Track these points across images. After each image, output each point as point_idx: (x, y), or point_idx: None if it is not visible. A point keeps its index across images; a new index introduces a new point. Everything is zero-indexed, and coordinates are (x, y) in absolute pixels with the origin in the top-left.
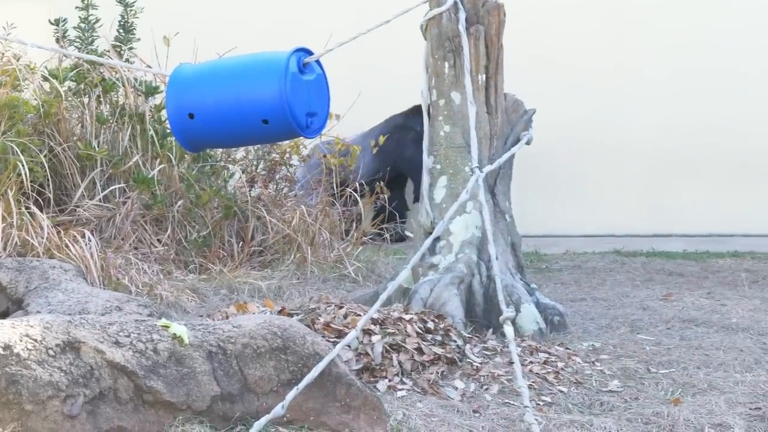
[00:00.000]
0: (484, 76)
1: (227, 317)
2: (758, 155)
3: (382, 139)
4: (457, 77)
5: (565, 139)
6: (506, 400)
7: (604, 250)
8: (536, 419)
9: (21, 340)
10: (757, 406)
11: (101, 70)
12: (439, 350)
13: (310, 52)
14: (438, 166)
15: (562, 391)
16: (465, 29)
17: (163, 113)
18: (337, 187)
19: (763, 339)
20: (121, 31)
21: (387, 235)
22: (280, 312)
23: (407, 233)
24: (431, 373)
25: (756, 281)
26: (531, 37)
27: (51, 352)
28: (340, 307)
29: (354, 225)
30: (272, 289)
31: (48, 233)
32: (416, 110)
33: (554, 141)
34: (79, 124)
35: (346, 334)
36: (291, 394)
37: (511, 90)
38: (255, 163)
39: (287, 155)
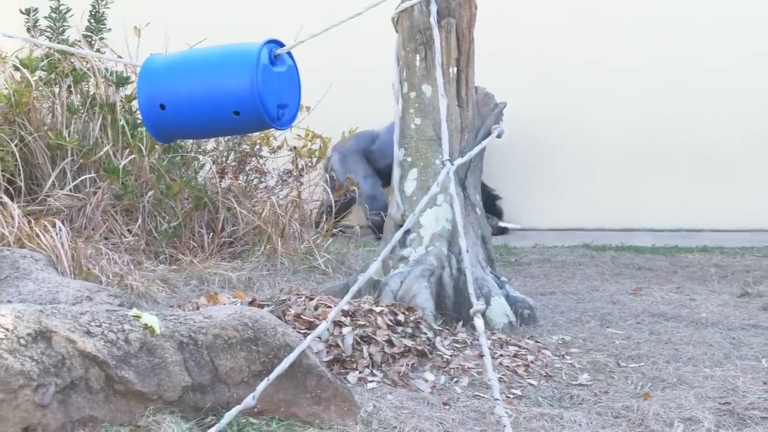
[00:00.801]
0: (455, 69)
1: (198, 308)
2: (727, 151)
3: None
4: (429, 70)
5: (535, 132)
6: (476, 393)
7: (573, 243)
8: (506, 412)
9: None
10: (726, 401)
11: (72, 60)
12: (409, 342)
13: (281, 44)
14: (409, 159)
15: (532, 384)
16: (436, 22)
17: (134, 104)
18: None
19: (732, 334)
20: (92, 21)
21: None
22: (251, 303)
23: (509, 225)
24: (401, 366)
25: (725, 276)
26: (502, 30)
27: (22, 341)
28: (311, 299)
29: (324, 216)
30: (242, 281)
31: (19, 223)
32: None
33: (525, 134)
34: (50, 114)
35: (316, 325)
36: (262, 385)
37: (481, 83)
38: (225, 154)
39: (258, 147)
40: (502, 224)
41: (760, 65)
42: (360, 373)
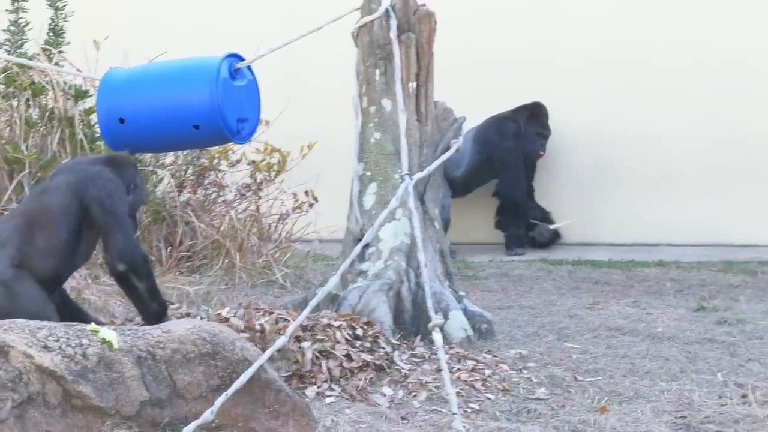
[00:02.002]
0: (414, 83)
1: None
2: (683, 165)
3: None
4: (388, 85)
5: None
6: (434, 407)
7: (530, 258)
8: (464, 426)
9: None
10: (683, 415)
11: (30, 74)
12: (367, 357)
13: (241, 58)
14: (368, 173)
15: (489, 399)
16: (396, 37)
17: (93, 117)
18: None
19: (689, 348)
20: (51, 34)
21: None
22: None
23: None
24: (360, 380)
25: (681, 290)
26: (461, 45)
27: None
28: (270, 313)
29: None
30: (200, 295)
31: None
32: (523, 108)
33: None
34: (8, 128)
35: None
36: (220, 400)
37: (441, 98)
38: (184, 168)
39: (216, 160)
40: (553, 226)
41: (716, 81)
42: (318, 387)
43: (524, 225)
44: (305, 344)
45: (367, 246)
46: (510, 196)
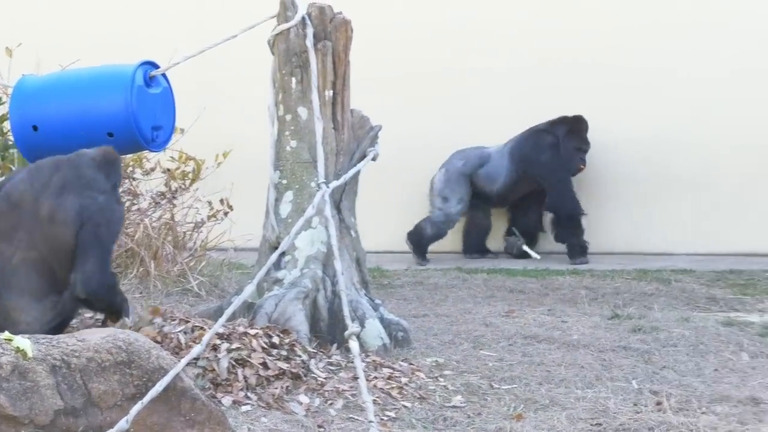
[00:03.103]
0: (331, 91)
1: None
2: (596, 176)
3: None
4: (305, 93)
5: (409, 155)
6: (351, 415)
7: (445, 267)
8: None
9: None
10: (598, 422)
11: None
12: (284, 365)
13: (156, 66)
14: (284, 181)
15: (406, 407)
16: (313, 45)
17: (6, 125)
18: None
19: (604, 355)
20: None
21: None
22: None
23: (530, 251)
24: (276, 388)
25: (595, 299)
26: (378, 53)
27: None
28: (186, 322)
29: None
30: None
31: None
32: (561, 121)
33: (398, 157)
34: None
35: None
36: (135, 409)
37: (357, 106)
38: None
39: (130, 168)
40: (525, 248)
41: (641, 93)
42: (235, 396)
43: (582, 234)
44: (221, 353)
45: (283, 254)
46: (562, 209)
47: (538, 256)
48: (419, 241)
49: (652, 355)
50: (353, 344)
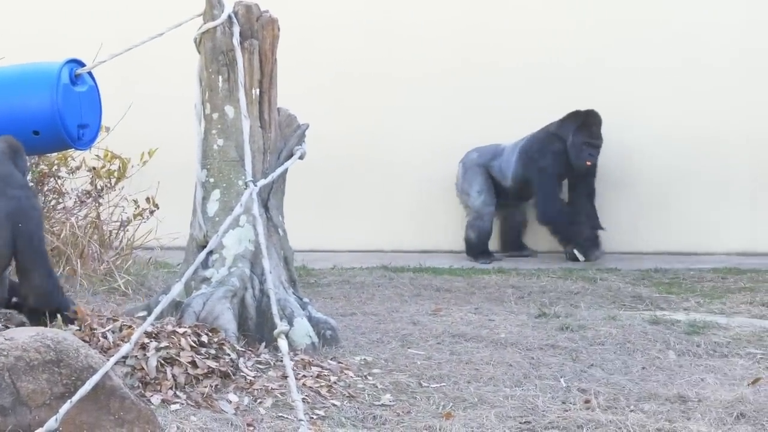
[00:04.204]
0: (257, 90)
1: None
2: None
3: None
4: (231, 91)
5: (335, 155)
6: (280, 414)
7: (371, 265)
8: None
9: None
10: (527, 420)
11: None
12: (212, 364)
13: (82, 64)
14: (211, 180)
15: (335, 405)
16: (239, 43)
17: None
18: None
19: (531, 354)
20: None
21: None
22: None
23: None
24: (205, 387)
25: (522, 297)
26: (304, 52)
27: None
28: (114, 320)
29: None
30: None
31: None
32: (573, 116)
33: (324, 156)
34: None
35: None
36: (64, 408)
37: (284, 104)
38: None
39: (56, 167)
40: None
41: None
42: (164, 394)
43: (588, 230)
44: (150, 351)
45: (210, 253)
46: (542, 216)
47: (582, 258)
48: (474, 248)
49: (579, 353)
50: (282, 343)
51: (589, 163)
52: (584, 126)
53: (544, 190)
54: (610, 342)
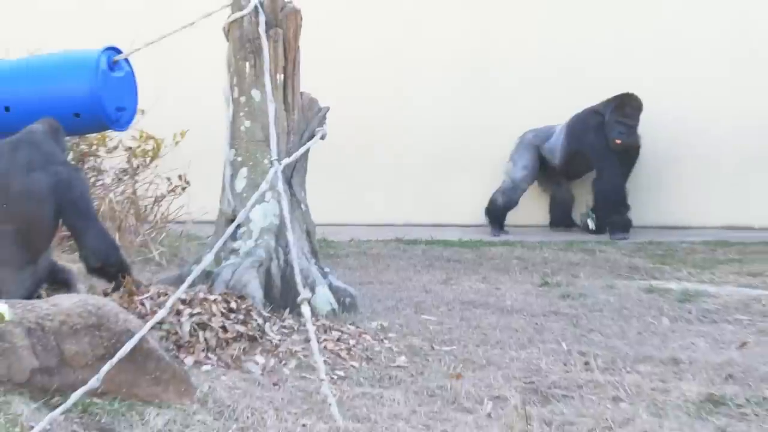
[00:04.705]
0: (282, 75)
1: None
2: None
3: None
4: (257, 76)
5: (353, 136)
6: (303, 374)
7: (386, 238)
8: (331, 391)
9: None
10: (531, 380)
11: None
12: (241, 328)
13: (119, 51)
14: (239, 159)
15: (354, 366)
16: (265, 32)
17: None
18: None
19: (535, 320)
20: None
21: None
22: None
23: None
24: (234, 349)
25: (526, 267)
26: (326, 40)
27: None
28: (149, 289)
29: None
30: (82, 272)
31: None
32: (612, 98)
33: (344, 137)
34: None
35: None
36: (105, 368)
37: (306, 89)
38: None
39: (95, 147)
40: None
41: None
42: (196, 356)
43: (626, 212)
44: (183, 317)
45: (238, 226)
46: (599, 187)
47: (593, 227)
48: (494, 212)
49: (579, 319)
50: (305, 309)
51: (618, 142)
52: (619, 107)
53: (598, 161)
54: (607, 309)
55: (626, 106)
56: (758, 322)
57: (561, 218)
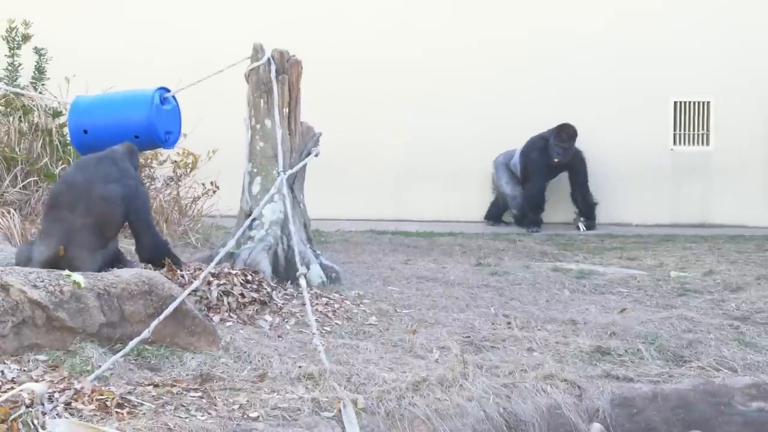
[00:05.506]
0: (287, 109)
1: None
2: (464, 167)
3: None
4: (269, 110)
5: (339, 153)
6: (300, 329)
7: (363, 229)
8: (321, 342)
9: None
10: (467, 335)
11: (22, 99)
12: (255, 295)
13: (168, 90)
14: (255, 170)
15: (337, 324)
16: (275, 77)
17: (65, 129)
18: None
19: (471, 290)
20: (37, 72)
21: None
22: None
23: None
24: (249, 311)
25: (465, 252)
26: (318, 83)
27: None
28: (188, 265)
29: (193, 207)
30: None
31: None
32: (554, 128)
33: (332, 154)
34: (6, 136)
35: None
36: (154, 323)
37: (305, 119)
38: None
39: (149, 160)
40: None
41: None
42: (221, 315)
43: (540, 213)
44: (212, 286)
45: (254, 220)
46: (526, 191)
47: (583, 228)
48: (492, 215)
49: (504, 290)
50: (302, 281)
51: (556, 160)
52: (558, 133)
53: (531, 175)
54: (524, 283)
55: (563, 133)
56: (634, 293)
57: (494, 215)
